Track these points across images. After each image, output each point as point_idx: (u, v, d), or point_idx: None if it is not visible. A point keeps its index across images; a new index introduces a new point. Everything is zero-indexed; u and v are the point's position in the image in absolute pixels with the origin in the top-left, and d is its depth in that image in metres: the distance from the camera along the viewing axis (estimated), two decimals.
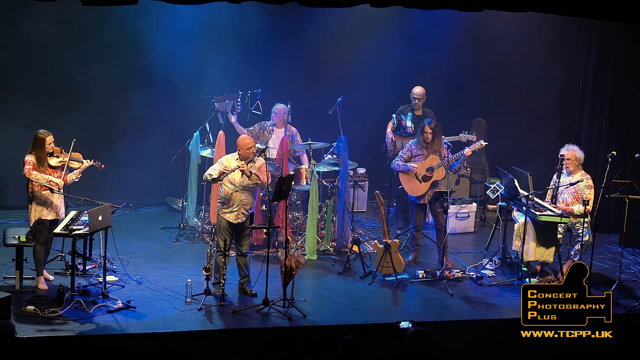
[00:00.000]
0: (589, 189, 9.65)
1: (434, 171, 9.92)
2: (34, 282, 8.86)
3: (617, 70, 11.88)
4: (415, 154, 10.00)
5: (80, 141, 9.09)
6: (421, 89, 11.34)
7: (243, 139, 9.00)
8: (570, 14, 9.32)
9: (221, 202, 8.97)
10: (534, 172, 10.77)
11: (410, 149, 10.05)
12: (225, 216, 8.90)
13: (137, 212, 12.06)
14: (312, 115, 11.64)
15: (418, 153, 9.99)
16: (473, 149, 9.94)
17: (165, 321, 8.22)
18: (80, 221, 8.74)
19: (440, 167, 9.86)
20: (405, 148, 10.12)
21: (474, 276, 9.78)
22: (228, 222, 8.88)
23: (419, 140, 10.00)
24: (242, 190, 8.87)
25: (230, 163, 8.91)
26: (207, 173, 8.97)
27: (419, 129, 10.12)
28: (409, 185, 10.04)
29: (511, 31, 12.35)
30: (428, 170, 9.95)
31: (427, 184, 9.94)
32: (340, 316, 8.61)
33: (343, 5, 9.13)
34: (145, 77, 11.87)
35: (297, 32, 12.18)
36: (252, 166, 8.88)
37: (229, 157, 9.03)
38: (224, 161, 8.98)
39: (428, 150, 9.97)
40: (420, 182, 9.97)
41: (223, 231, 8.89)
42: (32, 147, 8.76)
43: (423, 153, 9.98)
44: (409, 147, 10.07)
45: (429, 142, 9.93)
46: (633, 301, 9.21)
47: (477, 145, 9.97)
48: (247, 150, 8.88)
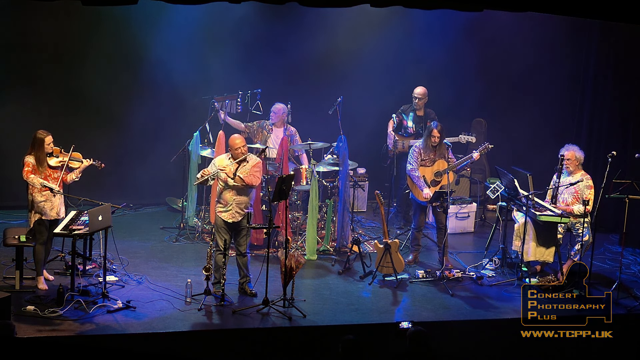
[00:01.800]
0: (589, 189, 9.65)
1: (442, 176, 9.94)
2: (34, 282, 8.86)
3: (617, 70, 11.88)
4: (425, 158, 10.01)
5: (80, 141, 9.09)
6: (423, 89, 11.35)
7: (233, 138, 8.98)
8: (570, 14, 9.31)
9: (217, 201, 8.99)
10: (534, 172, 10.77)
11: (420, 153, 10.03)
12: (221, 215, 8.90)
13: (137, 212, 12.06)
14: (312, 115, 11.64)
15: (425, 157, 10.01)
16: (481, 152, 9.96)
17: (165, 321, 8.22)
18: (80, 221, 8.74)
19: (449, 171, 9.85)
20: (415, 152, 10.08)
21: (474, 276, 9.78)
22: (224, 221, 8.89)
23: (427, 144, 10.00)
24: (232, 189, 8.85)
25: (223, 163, 8.91)
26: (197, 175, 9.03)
27: (426, 132, 10.13)
28: (417, 191, 10.03)
29: (511, 31, 12.34)
30: (436, 175, 9.98)
31: (435, 188, 9.98)
32: (340, 316, 8.61)
33: (343, 5, 9.13)
34: (146, 77, 11.85)
35: (297, 32, 12.17)
36: (244, 165, 8.88)
37: (222, 157, 9.04)
38: (216, 161, 8.98)
39: (435, 154, 9.98)
40: (429, 187, 9.99)
41: (221, 230, 8.89)
42: (32, 148, 8.76)
43: (430, 157, 10.00)
44: (418, 151, 10.06)
45: (435, 146, 9.94)
46: (633, 301, 9.21)
47: (484, 148, 9.99)
48: (236, 150, 8.88)
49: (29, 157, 8.73)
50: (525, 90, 13.06)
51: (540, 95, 12.99)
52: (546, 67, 12.82)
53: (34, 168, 8.70)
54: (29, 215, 8.80)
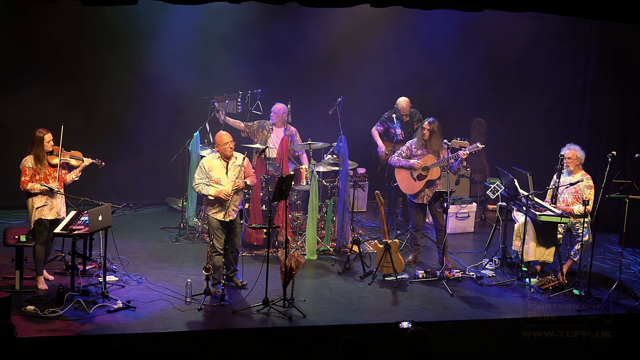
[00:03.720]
0: (589, 189, 9.65)
1: (429, 170, 9.93)
2: (34, 282, 8.85)
3: (617, 70, 11.89)
4: (415, 154, 10.01)
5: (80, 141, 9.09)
6: (405, 101, 11.39)
7: (220, 135, 8.99)
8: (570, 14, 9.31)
9: (210, 204, 8.94)
10: (534, 172, 10.77)
11: (409, 148, 10.06)
12: (216, 216, 8.89)
13: (137, 212, 12.06)
14: (312, 115, 11.64)
15: (417, 153, 10.00)
16: (469, 151, 9.94)
17: (165, 321, 8.22)
18: (80, 221, 8.73)
19: (436, 166, 9.87)
20: (404, 146, 10.14)
21: (474, 276, 9.78)
22: (219, 221, 8.89)
23: (418, 138, 10.02)
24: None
25: (211, 163, 8.91)
26: (198, 189, 8.89)
27: (420, 125, 10.15)
28: (403, 183, 10.07)
29: (511, 31, 12.34)
30: (423, 170, 9.96)
31: (422, 182, 9.96)
32: (340, 316, 8.61)
33: (343, 5, 9.13)
34: (146, 77, 11.86)
35: (298, 32, 12.18)
36: (233, 162, 8.91)
37: (208, 158, 9.01)
38: (205, 163, 8.94)
39: (426, 150, 9.97)
40: (415, 180, 9.99)
41: (217, 231, 8.89)
42: (31, 146, 8.74)
43: (422, 152, 9.99)
44: (408, 146, 10.09)
45: (426, 140, 9.94)
46: (633, 301, 9.20)
47: (473, 147, 9.96)
48: (223, 146, 8.89)
49: (28, 160, 8.70)
50: (526, 90, 13.06)
51: (541, 95, 12.99)
52: (546, 66, 12.82)
53: (33, 172, 8.67)
54: (29, 208, 8.77)
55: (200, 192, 8.91)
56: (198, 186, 8.91)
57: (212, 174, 8.88)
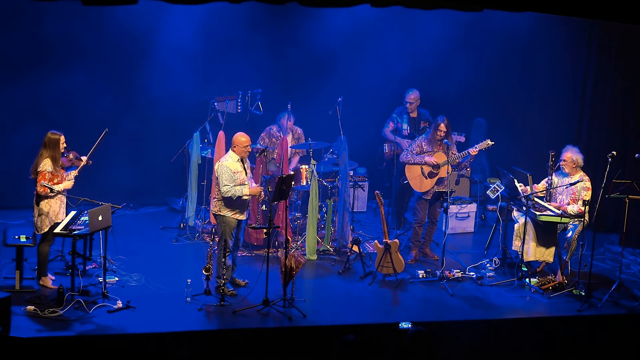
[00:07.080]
0: (585, 190, 9.63)
1: (440, 168, 9.96)
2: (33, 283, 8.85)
3: (617, 70, 11.87)
4: (426, 151, 10.04)
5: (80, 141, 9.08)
6: (415, 94, 11.34)
7: (239, 137, 8.96)
8: (570, 14, 9.32)
9: (230, 205, 8.88)
10: (534, 172, 10.76)
11: (420, 145, 10.08)
12: (236, 216, 8.92)
13: (137, 212, 12.04)
14: (312, 115, 11.64)
15: (428, 150, 10.03)
16: (479, 148, 9.97)
17: (165, 321, 8.22)
18: (80, 221, 8.74)
19: (446, 164, 9.89)
20: (414, 143, 10.15)
21: (474, 276, 9.78)
22: (238, 221, 8.95)
23: (431, 138, 10.05)
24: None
25: (235, 166, 8.90)
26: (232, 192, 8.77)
27: (433, 125, 10.15)
28: (414, 181, 10.10)
29: (511, 31, 12.33)
30: (434, 167, 9.99)
31: (433, 180, 10.01)
32: (340, 316, 8.61)
33: (343, 5, 9.15)
34: (145, 77, 11.84)
35: (297, 32, 12.16)
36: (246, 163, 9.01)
37: (231, 162, 8.92)
38: (231, 167, 8.86)
39: (438, 148, 10.02)
40: (426, 178, 10.02)
41: (232, 231, 8.92)
42: (46, 149, 8.67)
43: (432, 150, 10.02)
44: (418, 143, 10.11)
45: (441, 140, 9.97)
46: (633, 301, 9.21)
47: (484, 144, 9.98)
48: (243, 148, 8.90)
49: (47, 164, 8.64)
50: (526, 90, 13.05)
51: (541, 95, 12.97)
52: (546, 66, 12.81)
53: (51, 176, 8.67)
54: (41, 219, 8.71)
55: (235, 195, 8.80)
56: (232, 190, 8.77)
57: (238, 176, 8.87)
